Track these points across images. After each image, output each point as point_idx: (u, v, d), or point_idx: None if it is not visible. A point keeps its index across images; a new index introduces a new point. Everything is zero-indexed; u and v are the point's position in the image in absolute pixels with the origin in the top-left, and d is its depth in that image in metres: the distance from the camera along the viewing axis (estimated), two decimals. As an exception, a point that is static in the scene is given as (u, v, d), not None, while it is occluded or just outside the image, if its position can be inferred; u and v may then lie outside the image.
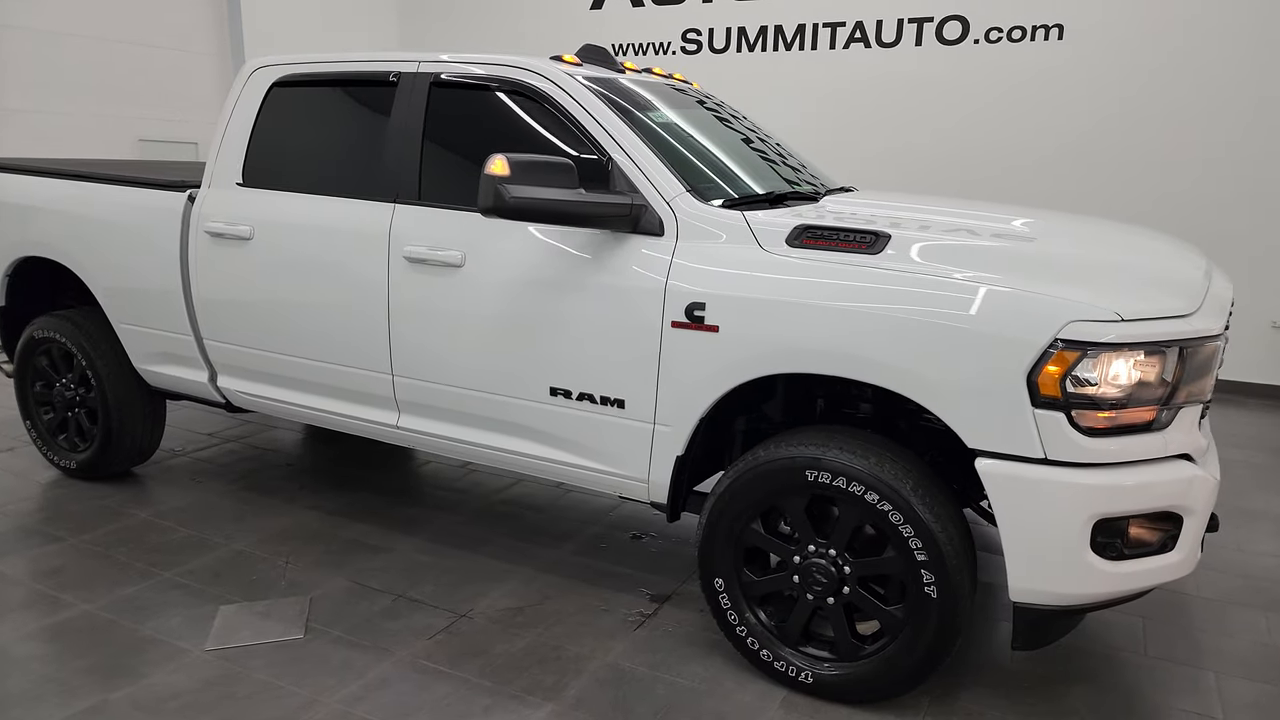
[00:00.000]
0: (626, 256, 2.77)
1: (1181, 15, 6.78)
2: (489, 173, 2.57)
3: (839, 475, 2.48)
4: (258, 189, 3.53)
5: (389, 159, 3.24)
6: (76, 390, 4.23)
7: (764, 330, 2.52)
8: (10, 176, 4.21)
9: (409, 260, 3.13)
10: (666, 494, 2.89)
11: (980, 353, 2.28)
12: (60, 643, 2.92)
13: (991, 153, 7.47)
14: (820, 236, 2.58)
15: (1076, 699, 2.74)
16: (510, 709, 2.63)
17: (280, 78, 3.56)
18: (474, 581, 3.44)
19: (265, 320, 3.52)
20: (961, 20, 7.54)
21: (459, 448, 3.28)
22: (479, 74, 3.14)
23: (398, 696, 2.68)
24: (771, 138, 3.82)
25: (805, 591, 2.64)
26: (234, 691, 2.68)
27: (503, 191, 2.56)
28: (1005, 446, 2.29)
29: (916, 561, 2.42)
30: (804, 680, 2.67)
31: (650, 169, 2.81)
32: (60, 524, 3.83)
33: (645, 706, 2.65)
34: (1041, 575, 2.33)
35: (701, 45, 8.61)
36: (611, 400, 2.85)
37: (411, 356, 3.21)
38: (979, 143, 7.51)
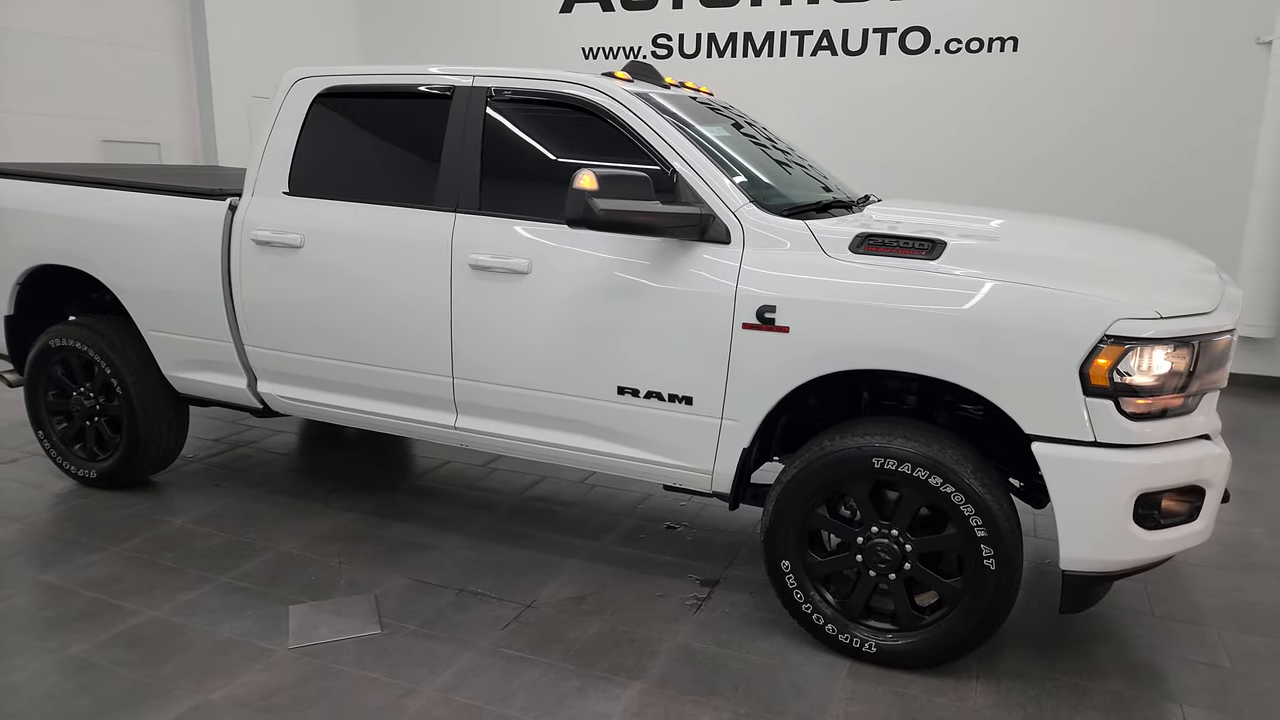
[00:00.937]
0: (695, 263, 2.96)
1: (1129, 30, 7.30)
2: (579, 187, 2.73)
3: (905, 462, 2.73)
4: (306, 198, 3.59)
5: (447, 170, 3.36)
6: (96, 399, 4.20)
7: (835, 330, 2.75)
8: (25, 183, 4.15)
9: (474, 268, 3.25)
10: (730, 484, 3.10)
11: (1038, 348, 2.55)
12: (139, 649, 2.96)
13: (953, 158, 7.88)
14: (882, 243, 2.81)
15: (1103, 656, 3.05)
16: (601, 689, 2.80)
17: (326, 89, 3.62)
18: (528, 574, 3.58)
19: (316, 326, 3.58)
20: (923, 31, 7.93)
21: (518, 446, 3.42)
22: (537, 89, 3.29)
23: (490, 682, 2.82)
24: (794, 148, 4.05)
25: (869, 569, 2.88)
26: (330, 685, 2.78)
27: (592, 204, 2.72)
28: (1059, 431, 2.57)
29: (977, 538, 2.69)
30: (868, 650, 2.91)
31: (714, 181, 3.00)
32: (96, 534, 3.82)
33: (725, 682, 2.85)
34: (1090, 545, 2.62)
35: (672, 50, 8.83)
36: (680, 398, 3.04)
37: (474, 359, 3.33)
38: (942, 148, 7.91)
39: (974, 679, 2.88)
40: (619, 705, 2.71)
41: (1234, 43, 7.03)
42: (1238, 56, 7.03)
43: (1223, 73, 7.10)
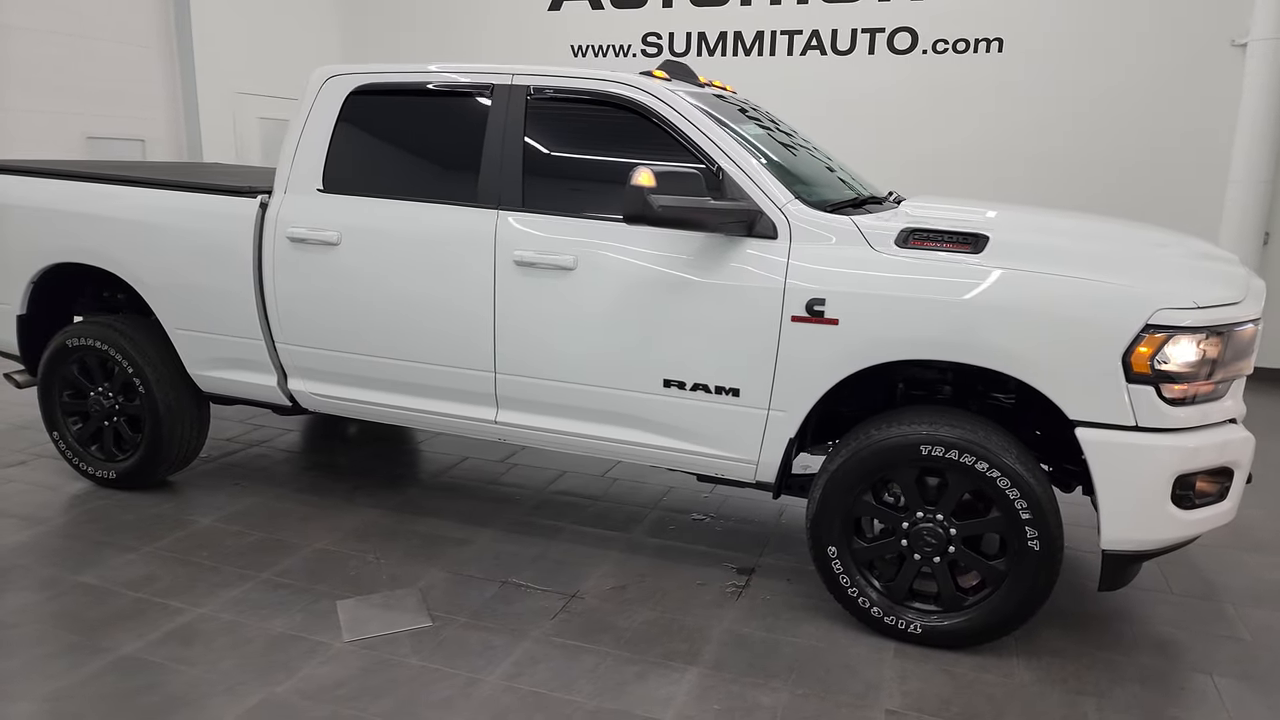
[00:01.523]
0: (743, 258, 3.03)
1: (1110, 31, 7.53)
2: (638, 184, 2.79)
3: (951, 448, 2.83)
4: (341, 195, 3.60)
5: (488, 167, 3.39)
6: (115, 399, 4.15)
7: (885, 322, 2.84)
8: (42, 181, 4.10)
9: (518, 264, 3.29)
10: (775, 473, 3.18)
11: (1082, 338, 2.67)
12: (194, 646, 2.96)
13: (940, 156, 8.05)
14: (927, 238, 2.92)
15: (1130, 632, 3.20)
16: (660, 674, 2.86)
17: (359, 86, 3.63)
18: (566, 565, 3.63)
19: (352, 323, 3.59)
20: (911, 32, 8.10)
21: (559, 439, 3.47)
22: (580, 88, 3.33)
23: (551, 670, 2.87)
24: (817, 145, 4.14)
25: (914, 552, 2.98)
26: (395, 676, 2.81)
27: (651, 200, 2.78)
28: (1103, 417, 2.69)
29: (1021, 520, 2.80)
30: (913, 631, 3.01)
31: (760, 178, 3.08)
32: (124, 534, 3.79)
33: (778, 664, 2.94)
34: (1131, 525, 2.75)
35: (662, 49, 8.89)
36: (726, 390, 3.11)
37: (518, 354, 3.37)
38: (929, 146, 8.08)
39: (1015, 656, 3.00)
40: (680, 689, 2.78)
41: (1211, 44, 7.29)
42: (1214, 58, 7.29)
43: (1200, 73, 7.36)
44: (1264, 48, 7.02)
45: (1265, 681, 2.90)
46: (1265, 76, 7.04)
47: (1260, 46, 7.04)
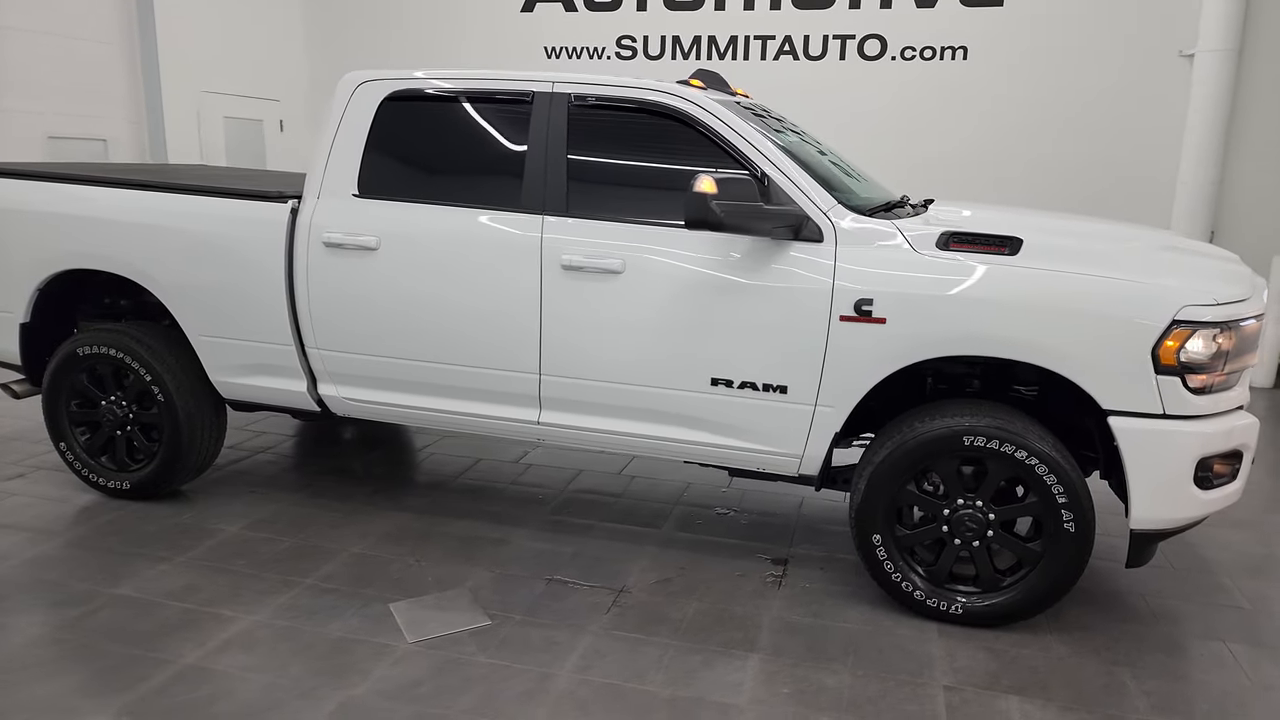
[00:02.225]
0: (790, 261, 3.16)
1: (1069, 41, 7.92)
2: (701, 190, 2.90)
3: (993, 439, 3.01)
4: (378, 200, 3.61)
5: (532, 173, 3.45)
6: (129, 407, 4.07)
7: (931, 321, 3.01)
8: (52, 185, 3.99)
9: (565, 268, 3.36)
10: (819, 466, 3.32)
11: (1114, 333, 2.87)
12: (256, 653, 2.95)
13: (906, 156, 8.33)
14: (965, 240, 3.09)
15: (1146, 605, 3.43)
16: (725, 661, 2.98)
17: (394, 92, 3.65)
18: (606, 562, 3.71)
19: (391, 327, 3.61)
20: (880, 39, 8.38)
21: (603, 438, 3.55)
22: (620, 96, 3.42)
23: (618, 662, 2.96)
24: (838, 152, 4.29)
25: (954, 538, 3.16)
26: (469, 674, 2.86)
27: (714, 206, 2.89)
28: (1134, 406, 2.90)
29: (1058, 504, 3.00)
30: (954, 612, 3.19)
31: (804, 184, 3.22)
32: (151, 544, 3.73)
33: (833, 648, 3.08)
34: (1157, 505, 2.97)
35: (636, 51, 9.01)
36: (774, 387, 3.24)
37: (564, 356, 3.44)
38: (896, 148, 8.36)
39: (1048, 633, 3.20)
40: (747, 675, 2.90)
41: (1161, 55, 7.74)
42: (1164, 67, 7.74)
43: (1150, 82, 7.80)
44: (1209, 59, 7.49)
45: (1272, 646, 3.16)
46: (1211, 85, 7.51)
47: (1206, 58, 7.51)
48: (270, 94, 9.64)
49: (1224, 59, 7.43)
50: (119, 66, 8.08)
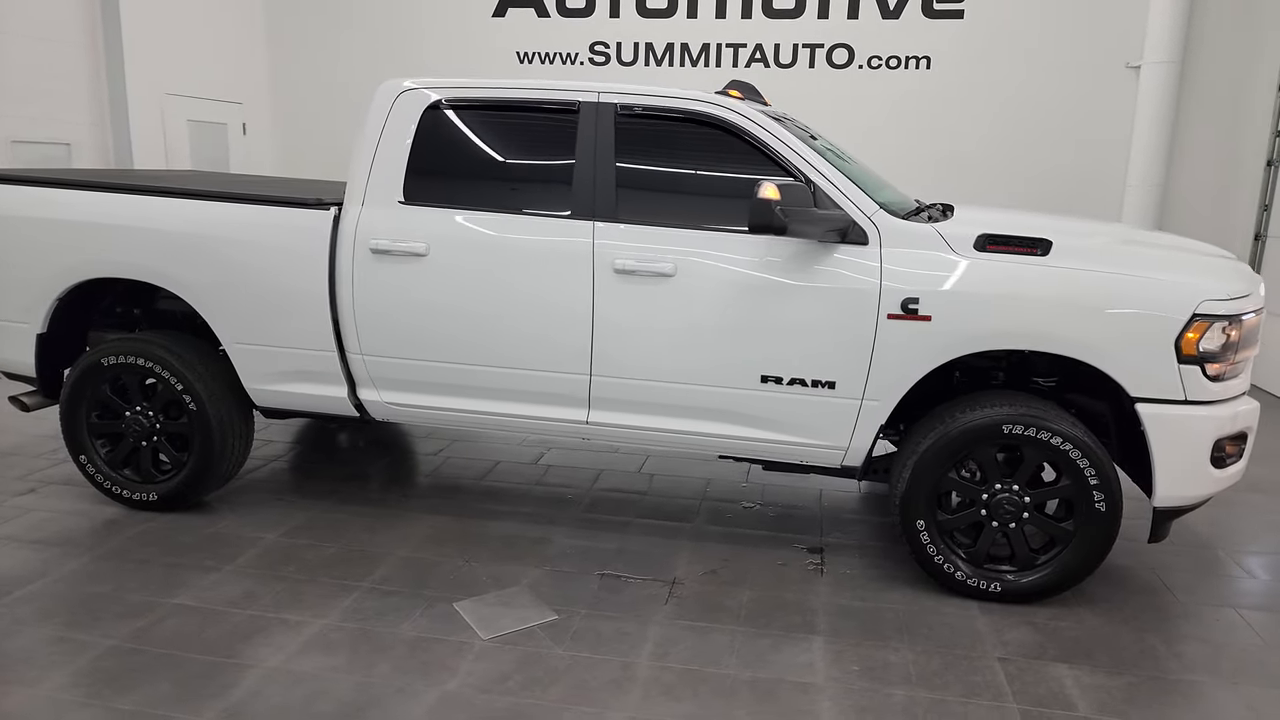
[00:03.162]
0: (838, 263, 3.34)
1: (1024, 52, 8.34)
2: (765, 197, 3.06)
3: (1030, 426, 3.24)
4: (425, 206, 3.66)
5: (580, 180, 3.55)
6: (156, 417, 4.02)
7: (973, 318, 3.22)
8: (77, 193, 3.92)
9: (617, 272, 3.47)
10: (863, 458, 3.51)
11: (1142, 327, 3.13)
12: (359, 655, 2.98)
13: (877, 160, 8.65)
14: (1000, 242, 3.31)
15: (1156, 580, 3.72)
16: (791, 643, 3.13)
17: (437, 101, 3.71)
18: (649, 556, 3.83)
19: (441, 332, 3.66)
20: (848, 48, 8.68)
21: (650, 436, 3.67)
22: (666, 106, 3.55)
23: (692, 649, 3.08)
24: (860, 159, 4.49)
25: (992, 520, 3.38)
26: (552, 666, 2.95)
27: (778, 212, 3.05)
28: (1159, 393, 3.17)
29: (1090, 486, 3.24)
30: (993, 590, 3.41)
31: (848, 190, 3.40)
32: (194, 555, 3.70)
33: (887, 628, 3.27)
34: (1179, 484, 3.24)
35: (610, 58, 9.12)
36: (823, 383, 3.41)
37: (615, 357, 3.55)
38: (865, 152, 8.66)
39: (1078, 606, 3.45)
40: (816, 655, 3.06)
41: (1109, 66, 8.22)
42: (1113, 77, 8.22)
43: (1101, 90, 8.28)
44: (1154, 70, 7.99)
45: (1277, 610, 3.47)
46: (1156, 94, 8.01)
47: (1151, 69, 8.00)
48: (233, 97, 9.45)
49: (1168, 70, 7.93)
50: (81, 68, 7.83)
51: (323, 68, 9.70)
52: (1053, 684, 2.91)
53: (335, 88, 9.66)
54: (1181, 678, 2.98)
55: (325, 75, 9.69)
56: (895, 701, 2.79)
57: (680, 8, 8.90)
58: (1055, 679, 2.94)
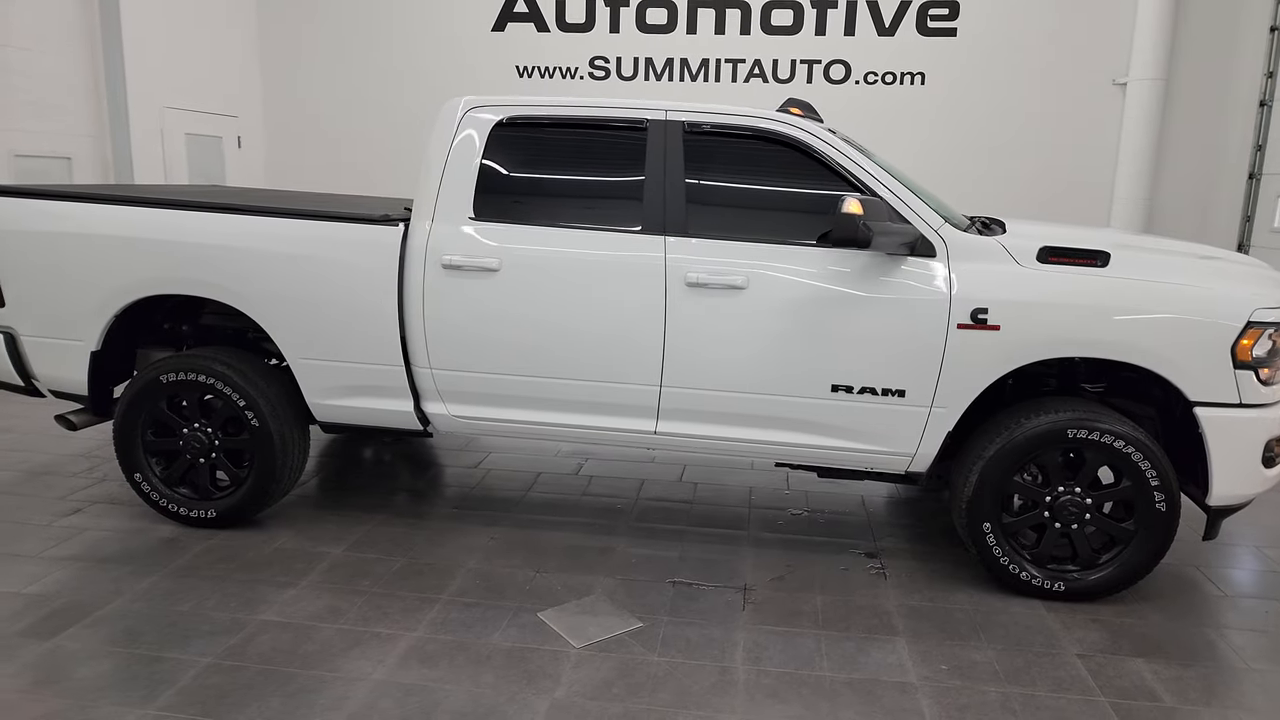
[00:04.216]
0: (907, 275, 3.47)
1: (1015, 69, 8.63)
2: (850, 211, 3.17)
3: (1094, 430, 3.39)
4: (495, 223, 3.71)
5: (651, 196, 3.63)
6: (215, 434, 4.00)
7: (1040, 327, 3.36)
8: (139, 209, 3.89)
9: (690, 285, 3.56)
10: (929, 464, 3.63)
11: (1200, 334, 3.30)
12: (439, 667, 3.00)
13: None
14: (1061, 254, 3.46)
15: (1203, 573, 3.89)
16: (876, 645, 3.23)
17: (506, 118, 3.76)
18: (714, 564, 3.91)
19: (513, 346, 3.70)
20: (845, 64, 8.90)
21: (719, 445, 3.75)
22: (736, 124, 3.65)
23: (783, 653, 3.16)
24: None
25: (1055, 521, 3.52)
26: (653, 672, 3.01)
27: (864, 227, 3.16)
28: (1216, 397, 3.34)
29: (1151, 486, 3.40)
30: (1057, 589, 3.54)
31: (915, 204, 3.53)
32: (264, 570, 3.69)
33: (963, 628, 3.38)
34: (1234, 483, 3.41)
35: (610, 72, 9.23)
36: (893, 391, 3.53)
37: (686, 368, 3.63)
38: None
39: (1136, 602, 3.61)
40: (903, 655, 3.16)
41: (1097, 83, 8.55)
42: (1100, 93, 8.55)
43: (1089, 106, 8.60)
44: (1140, 87, 8.33)
45: (1317, 602, 3.67)
46: (1142, 110, 8.35)
47: (1137, 86, 8.34)
48: (228, 110, 9.36)
49: (1153, 87, 8.28)
50: (81, 82, 7.71)
51: (318, 82, 9.66)
52: (1134, 677, 3.05)
53: (330, 102, 9.64)
54: (1249, 667, 3.14)
55: (320, 89, 9.66)
56: (991, 699, 2.90)
57: (680, 23, 9.05)
58: (1135, 672, 3.08)
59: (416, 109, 9.52)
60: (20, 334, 4.08)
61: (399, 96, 9.53)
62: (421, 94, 9.50)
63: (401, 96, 9.52)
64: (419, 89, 9.48)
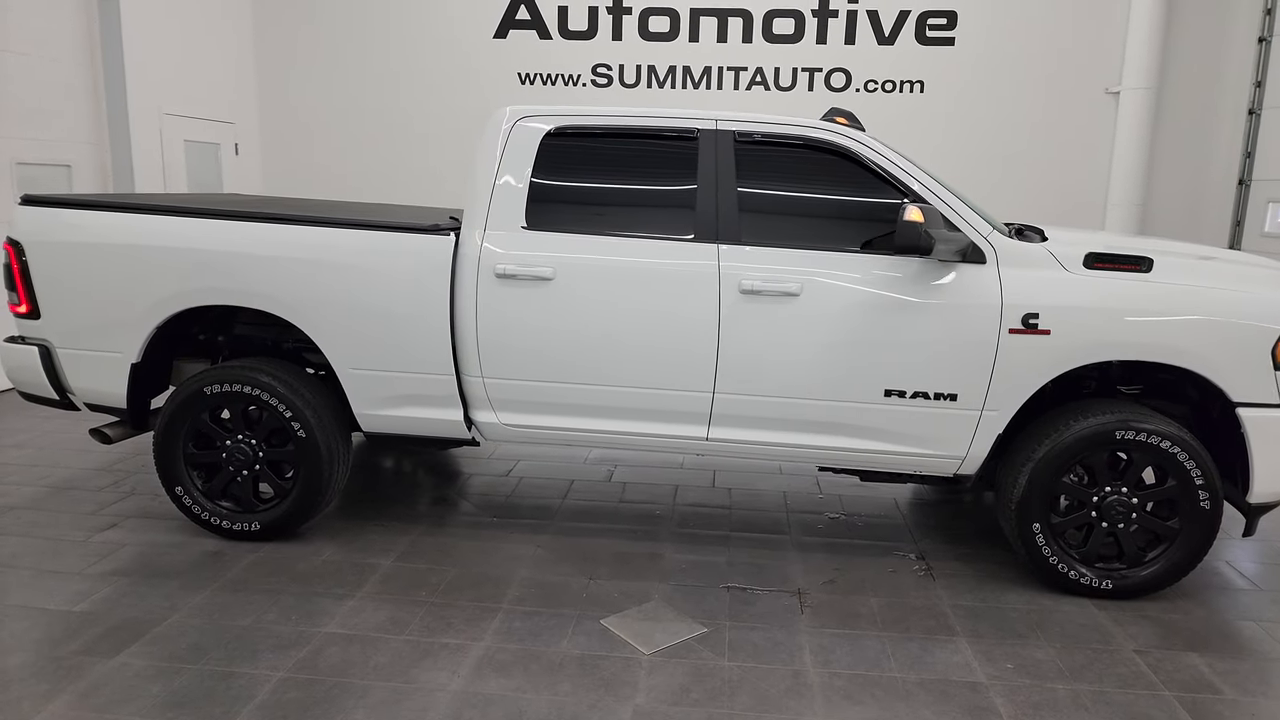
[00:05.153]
0: (959, 281, 3.53)
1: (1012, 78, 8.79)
2: (912, 219, 3.23)
3: (1141, 431, 3.48)
4: (548, 232, 3.72)
5: (703, 205, 3.67)
6: (259, 446, 3.96)
7: (1089, 331, 3.45)
8: (180, 220, 3.85)
9: (744, 292, 3.60)
10: (979, 466, 3.70)
11: (1242, 336, 3.40)
12: (513, 676, 3.00)
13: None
14: (1106, 260, 3.55)
15: (1235, 568, 4.00)
16: (939, 645, 3.28)
17: (555, 128, 3.78)
18: (764, 568, 3.94)
19: (567, 354, 3.72)
20: (845, 73, 9.01)
21: (771, 450, 3.79)
22: (786, 134, 3.70)
23: (850, 655, 3.20)
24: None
25: (1103, 521, 3.60)
26: (726, 677, 3.03)
27: (925, 234, 3.22)
28: (1257, 398, 3.44)
29: (1196, 485, 3.49)
30: (1105, 588, 3.63)
31: (964, 212, 3.60)
32: (318, 583, 3.66)
33: (1020, 626, 3.45)
34: (1273, 479, 3.51)
35: (612, 80, 9.26)
36: (945, 395, 3.59)
37: (740, 374, 3.66)
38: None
39: (1179, 599, 3.70)
40: (966, 655, 3.22)
41: (1091, 91, 8.73)
42: (1094, 102, 8.73)
43: (1083, 114, 8.78)
44: (1132, 95, 8.52)
45: (1350, 595, 3.79)
46: (1135, 118, 8.55)
47: (1129, 94, 8.53)
48: (224, 116, 9.26)
49: (1145, 95, 8.48)
50: (81, 88, 7.58)
51: (315, 88, 9.58)
52: (1191, 671, 3.13)
53: (328, 108, 9.57)
54: (1300, 659, 3.24)
55: (317, 95, 9.58)
56: (1061, 696, 2.97)
57: (683, 31, 9.10)
58: (1191, 666, 3.16)
59: (416, 116, 9.49)
60: (56, 346, 4.01)
61: (397, 103, 9.48)
62: (421, 100, 9.47)
63: (400, 102, 9.47)
64: (418, 95, 9.45)
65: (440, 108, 9.44)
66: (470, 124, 9.35)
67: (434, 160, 9.37)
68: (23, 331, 4.07)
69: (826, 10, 8.93)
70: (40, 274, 3.93)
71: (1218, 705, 2.93)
